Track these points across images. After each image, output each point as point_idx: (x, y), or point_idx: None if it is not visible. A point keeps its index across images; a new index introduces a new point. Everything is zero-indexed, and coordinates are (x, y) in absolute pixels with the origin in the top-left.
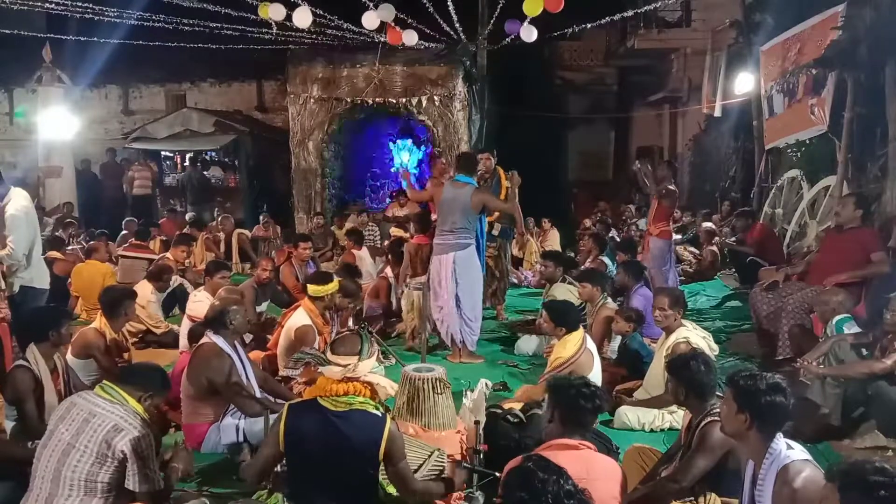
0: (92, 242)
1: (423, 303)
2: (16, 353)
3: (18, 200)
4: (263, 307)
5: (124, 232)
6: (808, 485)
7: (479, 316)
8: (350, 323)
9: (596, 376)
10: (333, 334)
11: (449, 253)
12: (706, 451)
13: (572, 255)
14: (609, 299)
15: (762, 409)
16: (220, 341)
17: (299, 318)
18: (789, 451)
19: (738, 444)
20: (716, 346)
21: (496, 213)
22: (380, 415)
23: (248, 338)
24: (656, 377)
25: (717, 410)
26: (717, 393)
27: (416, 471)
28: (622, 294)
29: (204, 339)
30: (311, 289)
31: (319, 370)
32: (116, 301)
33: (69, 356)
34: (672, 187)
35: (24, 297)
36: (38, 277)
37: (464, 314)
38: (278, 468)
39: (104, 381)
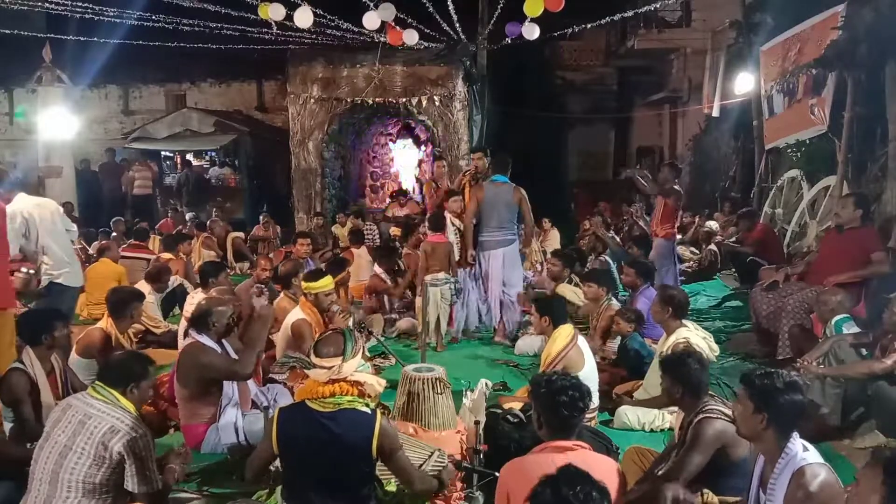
0: (105, 242)
1: (423, 302)
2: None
3: (15, 204)
4: None
5: (114, 234)
6: (823, 489)
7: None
8: (351, 322)
9: (589, 373)
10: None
11: (497, 249)
12: (699, 447)
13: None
14: (614, 299)
15: (780, 408)
16: (204, 339)
17: (295, 314)
18: (805, 453)
19: (753, 443)
20: (716, 347)
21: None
22: (369, 412)
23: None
24: (657, 377)
25: (710, 408)
26: (710, 392)
27: None
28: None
29: (188, 339)
30: (304, 285)
31: (305, 373)
32: (123, 302)
33: (73, 356)
34: (676, 187)
35: (49, 293)
36: (66, 275)
37: (509, 300)
38: (278, 465)
39: (96, 382)
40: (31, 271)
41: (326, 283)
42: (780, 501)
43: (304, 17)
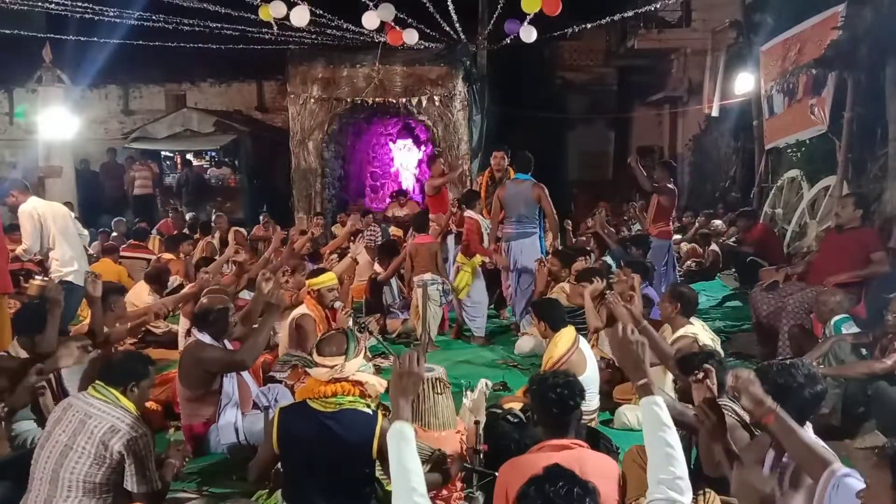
0: (108, 243)
1: (423, 301)
2: None
3: (28, 204)
4: None
5: (114, 234)
6: None
7: None
8: (350, 322)
9: (591, 375)
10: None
11: (517, 241)
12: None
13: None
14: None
15: (801, 401)
16: (206, 338)
17: (299, 309)
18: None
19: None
20: (720, 351)
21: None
22: (370, 413)
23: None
24: (655, 375)
25: (723, 404)
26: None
27: None
28: None
29: (190, 338)
30: (307, 281)
31: (307, 372)
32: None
33: None
34: (671, 186)
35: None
36: (75, 273)
37: (523, 291)
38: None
39: (96, 382)
40: (46, 279)
41: (329, 278)
42: (788, 487)
43: (300, 16)
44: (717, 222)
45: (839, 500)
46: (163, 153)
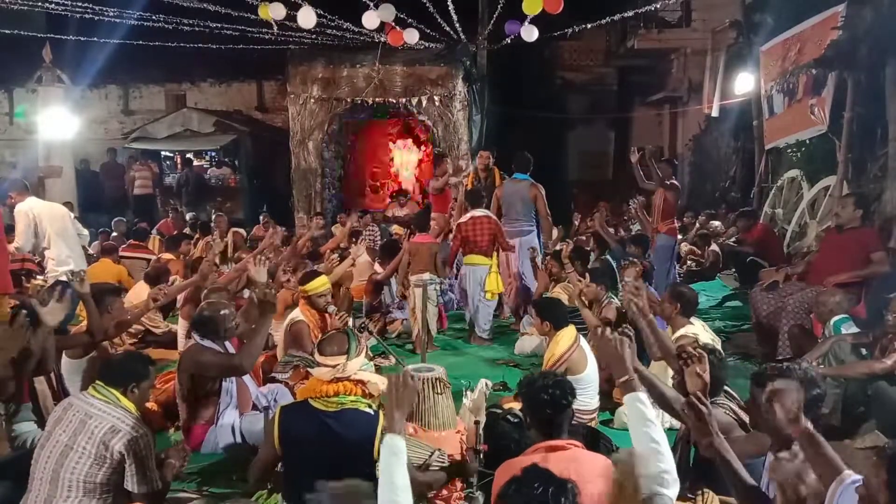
0: (107, 243)
1: (423, 301)
2: None
3: (25, 204)
4: None
5: (114, 234)
6: None
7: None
8: (351, 322)
9: (591, 374)
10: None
11: (514, 238)
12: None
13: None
14: (614, 298)
15: (807, 404)
16: (206, 343)
17: (294, 315)
18: None
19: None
20: (721, 350)
21: None
22: (372, 412)
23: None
24: (658, 370)
25: (720, 402)
26: (727, 389)
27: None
28: None
29: (189, 342)
30: (299, 287)
31: (308, 372)
32: (97, 297)
33: (63, 357)
34: (676, 182)
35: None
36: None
37: (522, 290)
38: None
39: (97, 382)
40: (45, 280)
41: (320, 284)
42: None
43: (307, 18)
44: (716, 223)
45: None
46: (163, 153)
